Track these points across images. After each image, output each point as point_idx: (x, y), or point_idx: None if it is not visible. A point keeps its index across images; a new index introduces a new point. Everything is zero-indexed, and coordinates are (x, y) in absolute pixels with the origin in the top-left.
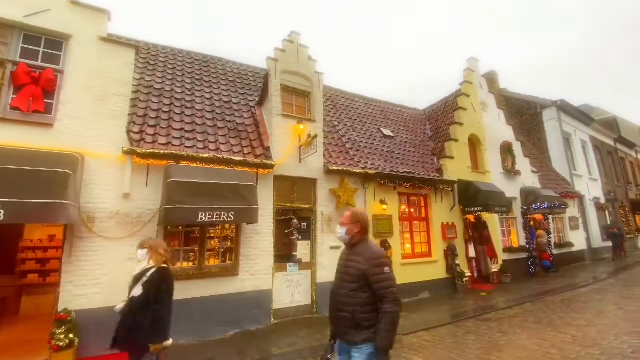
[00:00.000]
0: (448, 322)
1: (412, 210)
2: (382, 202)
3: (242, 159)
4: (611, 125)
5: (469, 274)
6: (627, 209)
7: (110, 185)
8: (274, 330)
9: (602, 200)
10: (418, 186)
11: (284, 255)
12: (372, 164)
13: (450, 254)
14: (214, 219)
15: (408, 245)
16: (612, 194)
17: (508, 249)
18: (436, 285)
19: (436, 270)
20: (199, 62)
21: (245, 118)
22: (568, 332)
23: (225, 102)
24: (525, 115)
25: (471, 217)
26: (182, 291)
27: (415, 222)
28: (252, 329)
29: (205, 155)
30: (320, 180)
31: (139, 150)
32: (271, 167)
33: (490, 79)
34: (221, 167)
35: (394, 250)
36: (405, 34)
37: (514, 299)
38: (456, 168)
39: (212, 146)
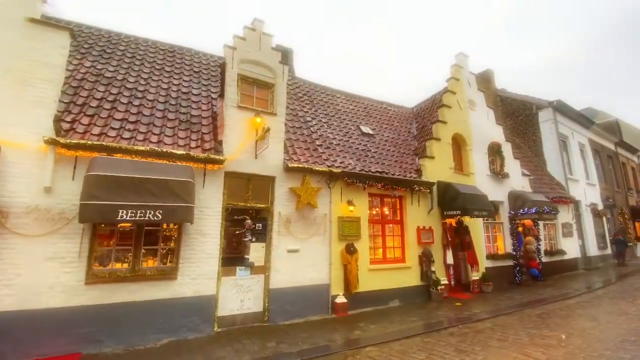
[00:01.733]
0: (405, 336)
1: (386, 212)
2: (350, 203)
3: (185, 152)
4: (612, 128)
5: (446, 282)
6: (626, 216)
7: (29, 178)
8: (214, 339)
9: (600, 206)
10: (391, 187)
11: (234, 258)
12: (340, 162)
13: (425, 259)
14: (137, 218)
15: (380, 250)
16: (611, 200)
17: (492, 256)
18: (408, 293)
19: (409, 277)
20: (163, 52)
21: (203, 110)
22: (532, 354)
23: (184, 92)
24: (520, 116)
25: (452, 221)
26: (112, 294)
27: (389, 225)
28: (189, 338)
29: (141, 148)
30: (279, 178)
31: (62, 141)
32: (220, 162)
33: (486, 78)
34: (162, 162)
35: (360, 255)
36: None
37: (488, 311)
38: (436, 169)
39: (154, 138)
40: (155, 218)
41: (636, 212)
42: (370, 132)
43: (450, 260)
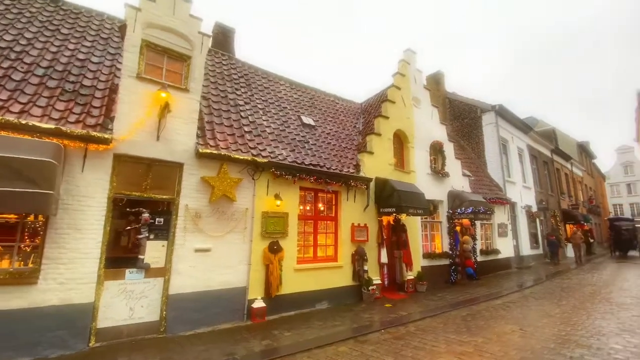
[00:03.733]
0: (319, 345)
1: (321, 208)
2: (277, 197)
3: (54, 126)
4: (549, 136)
5: (379, 281)
6: (558, 218)
7: None
8: (83, 357)
9: (534, 209)
10: (325, 181)
11: (123, 258)
12: (270, 152)
13: (358, 258)
14: None
15: (310, 248)
16: (545, 203)
17: (429, 255)
18: (339, 293)
19: (340, 277)
20: (66, 12)
21: (100, 81)
22: None
23: (79, 59)
24: (466, 118)
25: (390, 219)
26: None
27: (322, 221)
28: (51, 357)
29: None
30: (189, 165)
31: None
32: (107, 142)
33: (436, 80)
34: (23, 137)
35: (286, 254)
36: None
37: (416, 313)
38: (376, 164)
39: (16, 107)
40: None
41: (567, 215)
42: (312, 123)
43: (384, 259)
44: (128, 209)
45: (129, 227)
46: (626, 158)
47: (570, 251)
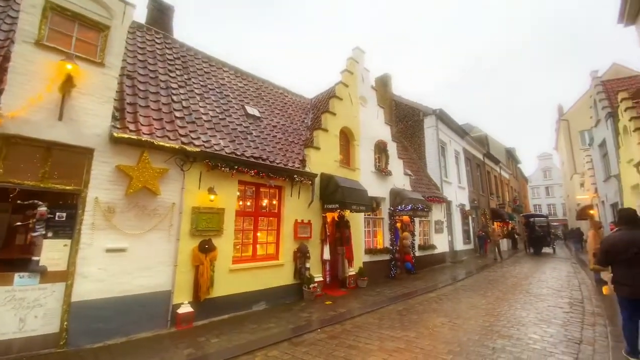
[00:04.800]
0: (248, 351)
1: (263, 204)
2: (211, 191)
3: None
4: (482, 141)
5: (320, 278)
6: (487, 216)
7: None
8: None
9: (467, 207)
10: (268, 175)
11: (13, 260)
12: (205, 141)
13: (300, 255)
14: None
15: (250, 246)
16: (476, 202)
17: (370, 251)
18: (279, 293)
19: (281, 276)
20: None
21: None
22: None
23: None
24: (410, 120)
25: (335, 215)
26: None
27: (263, 218)
28: None
29: None
30: (101, 151)
31: None
32: None
33: (384, 82)
34: None
35: (221, 253)
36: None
37: (354, 309)
38: (322, 160)
39: None
40: None
41: (495, 214)
42: (257, 114)
43: (327, 255)
44: (19, 201)
45: (19, 224)
46: (546, 164)
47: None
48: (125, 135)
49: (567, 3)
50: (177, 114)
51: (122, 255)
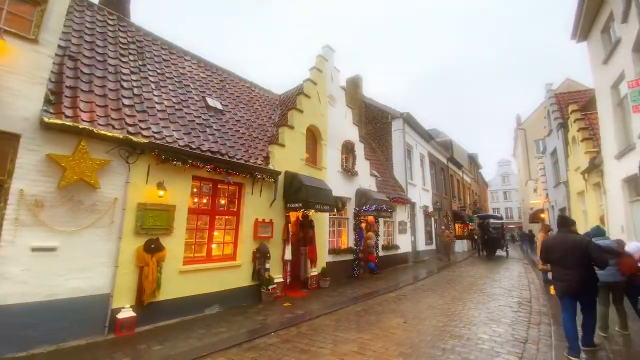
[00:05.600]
0: (193, 359)
1: (222, 201)
2: (160, 186)
3: None
4: (447, 146)
5: (281, 280)
6: (449, 218)
7: None
8: None
9: (430, 209)
10: (227, 171)
11: None
12: (156, 132)
13: (259, 256)
14: None
15: (205, 246)
16: (439, 204)
17: (334, 251)
18: (236, 295)
19: (238, 277)
20: None
21: None
22: None
23: None
24: (379, 123)
25: (299, 215)
26: None
27: (221, 216)
28: None
29: None
30: (30, 138)
31: None
32: None
33: (355, 83)
34: None
35: (169, 253)
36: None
37: (313, 311)
38: (287, 158)
39: None
40: None
41: (457, 215)
42: (219, 107)
43: (288, 256)
44: None
45: None
46: (505, 170)
47: (458, 246)
48: (59, 121)
49: (524, 27)
50: (126, 101)
51: (51, 255)
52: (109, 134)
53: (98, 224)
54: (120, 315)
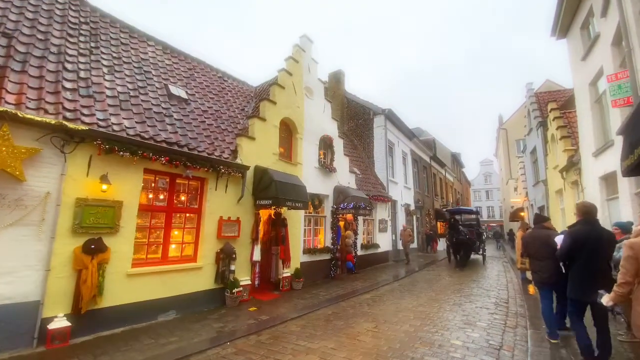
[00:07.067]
0: None
1: (181, 197)
2: (103, 179)
3: None
4: (430, 144)
5: (248, 282)
6: (431, 216)
7: None
8: None
9: (412, 207)
10: (185, 165)
11: None
12: (101, 119)
13: (224, 257)
14: None
15: (160, 247)
16: (421, 202)
17: (309, 250)
18: (195, 299)
19: (199, 280)
20: None
21: None
22: None
23: None
24: (361, 119)
25: (271, 213)
26: None
27: (180, 214)
28: None
29: None
30: None
31: None
32: None
33: (337, 78)
34: None
35: (115, 255)
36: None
37: (280, 315)
38: (258, 152)
39: None
40: None
41: (438, 214)
42: (184, 96)
43: (257, 256)
44: None
45: None
46: (487, 169)
47: (442, 244)
48: None
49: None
50: (68, 84)
51: None
52: (38, 118)
53: (24, 222)
54: (51, 326)
